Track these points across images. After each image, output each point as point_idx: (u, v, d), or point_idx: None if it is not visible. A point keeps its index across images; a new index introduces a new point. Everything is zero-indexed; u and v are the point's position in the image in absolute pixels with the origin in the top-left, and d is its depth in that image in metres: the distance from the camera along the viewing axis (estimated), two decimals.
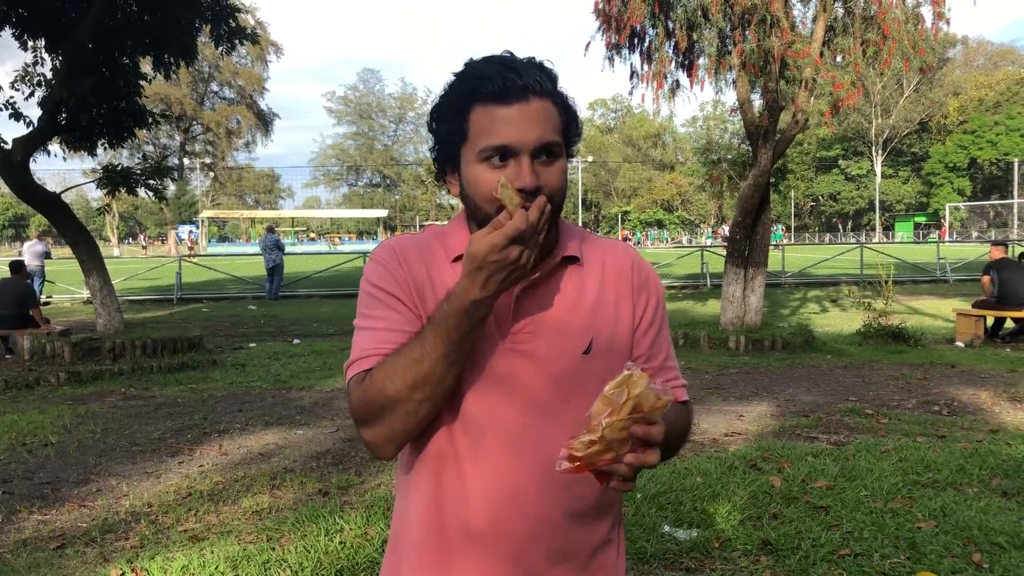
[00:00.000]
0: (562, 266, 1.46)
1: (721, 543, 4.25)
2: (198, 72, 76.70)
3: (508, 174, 1.32)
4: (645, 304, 1.53)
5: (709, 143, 68.12)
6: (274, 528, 4.58)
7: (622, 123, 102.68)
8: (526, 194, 1.31)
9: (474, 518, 1.39)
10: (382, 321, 1.41)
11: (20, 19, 11.76)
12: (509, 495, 1.38)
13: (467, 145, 1.37)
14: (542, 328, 1.41)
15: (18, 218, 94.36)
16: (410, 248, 1.47)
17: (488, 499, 1.39)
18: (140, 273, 26.62)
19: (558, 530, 1.42)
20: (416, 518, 1.45)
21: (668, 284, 24.20)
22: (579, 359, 1.42)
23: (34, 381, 9.47)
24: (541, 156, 1.35)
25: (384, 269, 1.44)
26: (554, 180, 1.36)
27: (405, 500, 1.50)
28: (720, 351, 11.17)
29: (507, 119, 1.33)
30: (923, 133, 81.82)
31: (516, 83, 1.33)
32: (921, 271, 25.46)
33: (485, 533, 1.39)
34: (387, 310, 1.42)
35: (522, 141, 1.33)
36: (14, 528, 4.82)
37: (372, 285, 1.44)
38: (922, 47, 10.92)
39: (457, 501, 1.40)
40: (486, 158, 1.35)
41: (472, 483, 1.39)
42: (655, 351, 1.55)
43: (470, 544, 1.40)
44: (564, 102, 1.41)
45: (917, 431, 6.67)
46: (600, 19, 11.74)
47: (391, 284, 1.43)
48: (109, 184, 12.56)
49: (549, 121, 1.36)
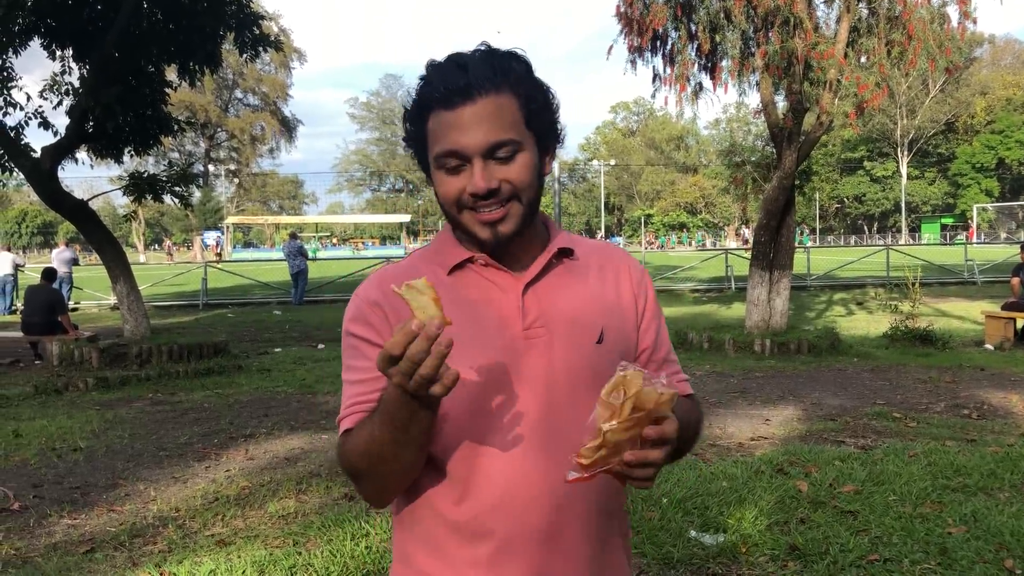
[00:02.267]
0: (558, 260, 1.45)
1: (748, 548, 4.22)
2: (222, 79, 77.41)
3: (463, 180, 1.33)
4: (645, 299, 1.53)
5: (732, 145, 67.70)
6: (300, 532, 4.61)
7: (644, 126, 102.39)
8: (479, 199, 1.32)
9: (493, 514, 1.36)
10: (358, 372, 1.39)
11: (48, 29, 11.93)
12: (532, 488, 1.36)
13: (429, 152, 1.37)
14: (553, 320, 1.40)
15: (46, 225, 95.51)
16: (391, 280, 1.39)
17: (511, 494, 1.36)
18: (166, 279, 26.89)
19: (579, 523, 1.40)
20: (431, 514, 1.41)
21: (692, 287, 24.11)
22: (593, 348, 1.41)
23: (63, 386, 9.58)
24: (496, 154, 1.33)
25: (358, 311, 1.42)
26: (516, 176, 1.34)
27: (416, 496, 1.44)
28: (745, 355, 11.10)
29: (454, 123, 1.32)
30: (950, 133, 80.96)
31: (459, 84, 1.31)
32: (948, 273, 25.19)
33: (504, 528, 1.36)
34: (363, 360, 1.39)
35: (469, 145, 1.31)
36: (44, 532, 4.87)
37: (347, 332, 1.42)
38: (948, 47, 10.81)
39: (477, 497, 1.37)
40: (441, 164, 1.34)
41: (494, 479, 1.36)
42: (659, 344, 1.54)
43: (487, 540, 1.37)
44: (531, 91, 1.37)
45: (946, 435, 6.59)
46: (622, 22, 11.71)
47: (365, 328, 1.40)
48: (136, 191, 12.70)
49: (501, 117, 1.32)
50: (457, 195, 1.35)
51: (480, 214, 1.34)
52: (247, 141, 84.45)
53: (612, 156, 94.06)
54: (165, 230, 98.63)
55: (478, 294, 1.41)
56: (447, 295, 1.36)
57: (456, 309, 1.36)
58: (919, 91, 76.42)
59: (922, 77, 62.53)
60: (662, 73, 12.05)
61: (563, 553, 1.39)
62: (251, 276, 26.95)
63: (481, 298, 1.41)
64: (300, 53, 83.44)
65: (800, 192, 13.69)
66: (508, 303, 1.39)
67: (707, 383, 9.26)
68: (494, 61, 1.34)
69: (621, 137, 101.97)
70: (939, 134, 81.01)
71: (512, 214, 1.35)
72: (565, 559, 1.39)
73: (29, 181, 12.21)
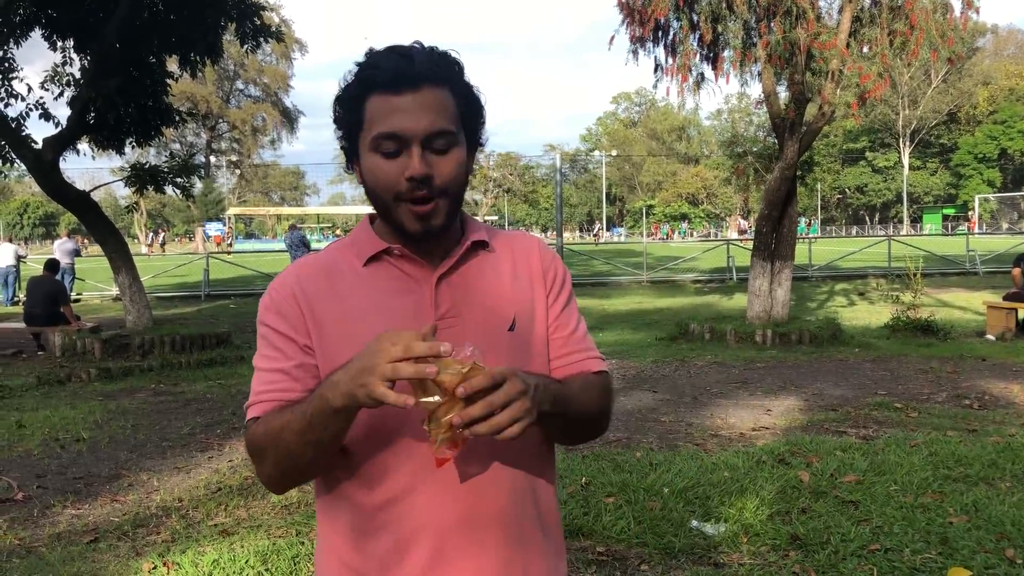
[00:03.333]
0: (473, 252, 1.48)
1: (749, 538, 4.23)
2: (223, 70, 77.24)
3: (399, 165, 1.34)
4: (552, 279, 1.54)
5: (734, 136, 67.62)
6: (303, 523, 4.63)
7: (646, 117, 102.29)
8: (415, 182, 1.34)
9: (402, 504, 1.38)
10: (266, 360, 1.43)
11: (49, 20, 11.92)
12: (441, 477, 1.37)
13: (363, 134, 1.38)
14: (466, 309, 1.43)
15: (48, 216, 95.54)
16: (306, 269, 1.47)
17: (418, 486, 1.38)
18: (168, 270, 26.89)
19: (491, 512, 1.41)
20: (347, 504, 1.43)
21: (694, 278, 24.10)
22: (506, 335, 1.45)
23: (65, 377, 9.60)
24: (433, 144, 1.35)
25: (271, 301, 1.45)
26: (447, 171, 1.36)
27: (333, 486, 1.46)
28: (747, 345, 11.11)
29: (398, 107, 1.34)
30: (952, 124, 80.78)
31: (408, 72, 1.34)
32: (950, 263, 25.18)
33: (416, 518, 1.38)
34: (273, 350, 1.43)
35: (411, 129, 1.33)
36: (48, 522, 4.89)
37: (261, 322, 1.46)
38: (951, 36, 10.78)
39: (388, 488, 1.39)
40: (377, 147, 1.35)
41: (402, 469, 1.38)
42: (564, 320, 1.54)
43: (396, 530, 1.39)
44: (466, 91, 1.41)
45: (948, 425, 6.60)
46: (624, 12, 11.69)
47: (278, 320, 1.43)
48: (137, 182, 12.72)
49: (444, 110, 1.36)
50: (394, 181, 1.35)
51: (416, 207, 1.36)
52: (248, 132, 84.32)
53: (614, 147, 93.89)
54: (167, 221, 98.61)
55: (393, 285, 1.44)
56: (363, 286, 1.42)
57: (370, 301, 1.41)
58: (921, 81, 76.25)
59: (924, 67, 62.49)
60: (664, 63, 12.04)
61: (476, 542, 1.40)
62: (253, 267, 26.95)
63: (396, 289, 1.43)
64: (301, 44, 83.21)
65: (802, 183, 13.68)
66: (422, 294, 1.42)
67: (708, 373, 9.27)
68: (436, 56, 1.38)
69: (623, 128, 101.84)
70: (941, 124, 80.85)
71: (440, 208, 1.38)
72: (480, 548, 1.40)
73: (31, 172, 12.21)
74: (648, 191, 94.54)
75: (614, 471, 5.25)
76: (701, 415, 7.26)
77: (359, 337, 1.29)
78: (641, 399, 7.91)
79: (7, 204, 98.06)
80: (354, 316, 1.40)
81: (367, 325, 1.36)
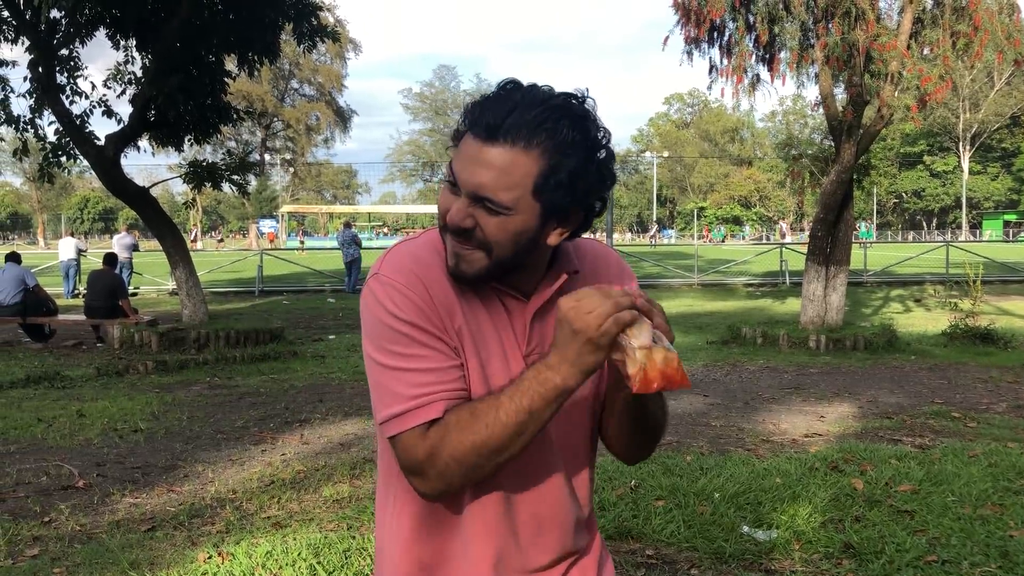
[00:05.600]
0: (569, 283, 1.43)
1: (801, 545, 4.17)
2: (279, 70, 78.12)
3: (453, 202, 1.33)
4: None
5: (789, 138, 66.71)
6: (354, 517, 4.67)
7: (699, 117, 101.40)
8: (444, 224, 1.34)
9: (490, 510, 1.44)
10: (422, 360, 1.34)
11: (113, 19, 12.19)
12: (536, 504, 1.46)
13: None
14: (548, 343, 1.41)
15: (108, 211, 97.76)
16: (427, 257, 1.40)
17: (526, 513, 1.45)
18: (223, 266, 27.36)
19: (568, 531, 1.50)
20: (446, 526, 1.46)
21: (745, 282, 23.84)
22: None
23: (124, 369, 9.81)
24: (484, 203, 1.29)
25: (404, 297, 1.34)
26: (491, 232, 1.30)
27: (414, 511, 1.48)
28: (800, 350, 10.96)
29: (468, 152, 1.30)
30: (1015, 127, 78.74)
31: (494, 122, 1.27)
32: (1011, 271, 24.53)
33: (505, 521, 1.45)
34: (423, 348, 1.34)
35: (464, 181, 1.30)
36: (108, 510, 5.00)
37: (396, 318, 1.34)
38: (1017, 38, 10.53)
39: (495, 518, 1.44)
40: (446, 177, 1.34)
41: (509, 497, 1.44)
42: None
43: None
44: (558, 162, 1.28)
45: (1008, 436, 6.44)
46: (679, 13, 11.60)
47: (418, 315, 1.34)
48: (195, 179, 12.96)
49: (508, 175, 1.27)
50: (443, 211, 1.35)
51: (456, 243, 1.34)
52: (302, 131, 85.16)
53: (665, 148, 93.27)
54: (222, 218, 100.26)
55: (491, 309, 1.42)
56: (474, 300, 1.40)
57: (488, 323, 1.41)
58: (983, 84, 74.45)
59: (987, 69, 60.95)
60: (719, 64, 11.91)
61: (538, 545, 1.48)
62: (305, 264, 27.31)
63: (494, 313, 1.42)
64: (355, 44, 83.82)
65: (858, 186, 13.42)
66: (514, 327, 1.42)
67: (760, 378, 9.16)
68: (544, 114, 1.27)
69: (674, 129, 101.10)
70: (1004, 128, 78.86)
71: (475, 260, 1.33)
72: (541, 550, 1.49)
73: (93, 168, 12.52)
74: (699, 193, 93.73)
75: (664, 474, 5.22)
76: (753, 420, 7.19)
77: (478, 355, 1.37)
78: (692, 403, 7.85)
79: (68, 199, 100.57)
80: (477, 334, 1.40)
81: (482, 346, 1.40)
